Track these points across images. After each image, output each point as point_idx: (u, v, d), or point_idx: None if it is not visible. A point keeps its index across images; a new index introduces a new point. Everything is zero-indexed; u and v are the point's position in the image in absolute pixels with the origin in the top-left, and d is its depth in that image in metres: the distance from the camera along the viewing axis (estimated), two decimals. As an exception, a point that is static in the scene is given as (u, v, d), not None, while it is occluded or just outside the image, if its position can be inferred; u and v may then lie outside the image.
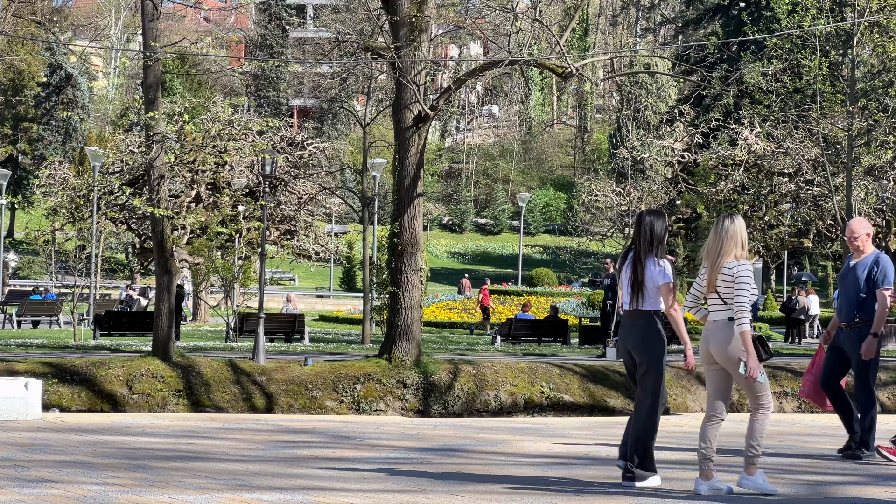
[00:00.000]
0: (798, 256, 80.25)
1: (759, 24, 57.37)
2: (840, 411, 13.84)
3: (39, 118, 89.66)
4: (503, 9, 27.98)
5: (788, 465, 13.13)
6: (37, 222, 60.46)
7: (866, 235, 13.53)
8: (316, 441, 14.98)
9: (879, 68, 38.42)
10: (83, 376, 21.18)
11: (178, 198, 42.43)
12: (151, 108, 22.98)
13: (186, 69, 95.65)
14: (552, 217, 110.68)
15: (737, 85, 47.72)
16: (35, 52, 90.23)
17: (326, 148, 57.15)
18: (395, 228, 23.51)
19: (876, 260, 13.40)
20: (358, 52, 29.53)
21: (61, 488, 9.86)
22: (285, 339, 35.03)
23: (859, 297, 13.38)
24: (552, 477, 11.59)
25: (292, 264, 62.79)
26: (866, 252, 13.55)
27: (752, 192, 41.45)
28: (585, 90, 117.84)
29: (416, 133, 23.51)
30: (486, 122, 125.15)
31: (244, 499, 9.62)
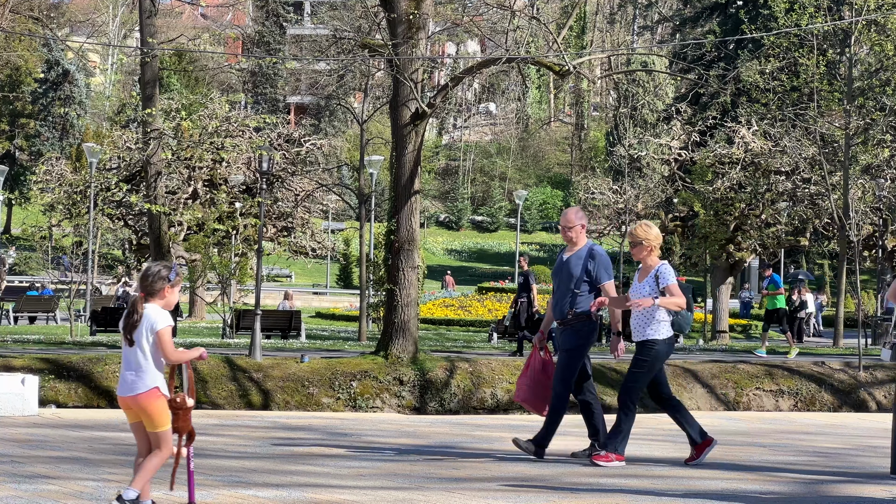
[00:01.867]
0: (795, 255, 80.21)
1: (756, 22, 57.32)
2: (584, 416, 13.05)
3: (36, 114, 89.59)
4: (501, 6, 27.99)
5: (785, 464, 13.15)
6: (34, 218, 60.35)
7: (581, 227, 12.67)
8: (312, 438, 14.98)
9: (877, 67, 38.47)
10: (80, 372, 21.18)
11: (174, 194, 42.42)
12: (148, 104, 23.00)
13: (183, 66, 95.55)
14: (549, 215, 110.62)
15: (734, 83, 47.77)
16: (32, 48, 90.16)
17: (323, 145, 57.11)
18: (392, 225, 23.51)
19: (590, 253, 12.54)
20: (355, 49, 29.48)
21: (58, 484, 9.86)
22: (282, 335, 35.04)
23: (573, 293, 12.53)
24: (548, 474, 11.59)
25: (289, 261, 62.77)
26: (579, 244, 12.65)
27: (748, 191, 41.41)
28: (582, 88, 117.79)
29: (414, 130, 23.50)
30: (484, 120, 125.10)
31: (240, 495, 9.62)
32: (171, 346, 8.20)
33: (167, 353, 8.18)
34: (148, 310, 8.20)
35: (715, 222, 40.86)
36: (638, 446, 14.53)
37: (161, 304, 8.26)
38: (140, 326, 8.16)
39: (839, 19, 37.73)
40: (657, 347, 12.21)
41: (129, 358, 8.22)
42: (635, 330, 12.31)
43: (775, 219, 41.69)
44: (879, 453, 14.96)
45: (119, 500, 8.18)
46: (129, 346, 8.20)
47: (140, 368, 8.18)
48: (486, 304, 53.64)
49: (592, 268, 12.44)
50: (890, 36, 36.35)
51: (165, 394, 8.27)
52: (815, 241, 45.01)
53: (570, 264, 12.56)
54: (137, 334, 8.17)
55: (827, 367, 26.22)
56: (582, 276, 12.46)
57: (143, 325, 8.17)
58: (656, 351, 12.23)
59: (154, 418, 8.25)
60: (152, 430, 8.29)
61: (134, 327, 8.16)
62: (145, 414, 8.25)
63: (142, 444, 8.42)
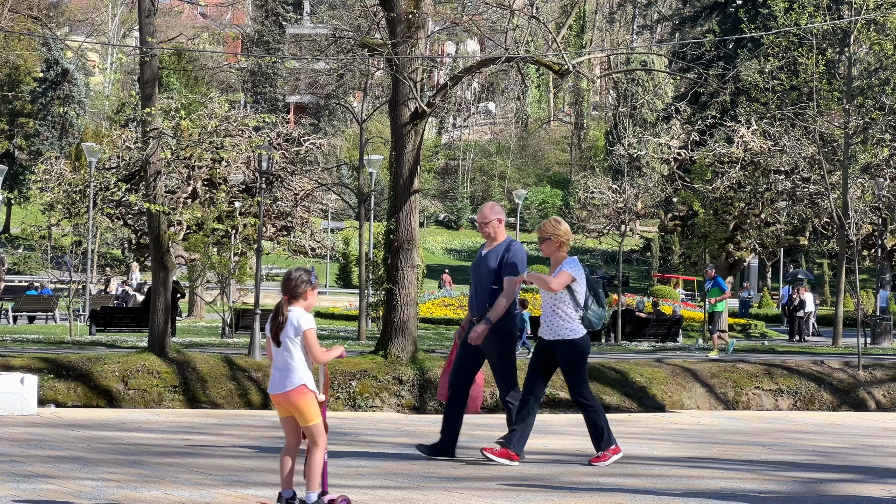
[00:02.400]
0: (794, 254, 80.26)
1: (755, 21, 57.36)
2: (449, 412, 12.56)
3: (36, 113, 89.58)
4: (500, 6, 27.97)
5: (784, 463, 13.15)
6: (33, 218, 60.34)
7: (498, 221, 12.34)
8: (312, 437, 14.96)
9: (876, 66, 38.47)
10: (79, 372, 21.17)
11: (174, 194, 42.44)
12: (148, 103, 22.97)
13: (183, 65, 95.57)
14: (548, 214, 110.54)
15: (733, 82, 47.80)
16: (32, 47, 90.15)
17: (323, 144, 57.13)
18: (392, 225, 23.51)
19: (507, 247, 12.22)
20: (355, 48, 29.46)
21: (57, 484, 9.86)
22: (281, 335, 34.96)
23: (491, 289, 12.19)
24: (547, 474, 11.59)
25: (288, 260, 62.75)
26: (498, 239, 12.36)
27: (748, 190, 41.47)
28: (582, 87, 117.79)
29: (413, 130, 23.50)
30: (483, 119, 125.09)
31: (240, 494, 9.62)
32: (318, 346, 8.83)
33: (314, 354, 8.83)
34: (293, 312, 8.80)
35: (714, 221, 40.90)
36: (637, 445, 14.54)
37: (304, 305, 8.89)
38: (286, 328, 8.78)
39: (838, 18, 37.73)
40: (579, 345, 11.95)
41: (277, 358, 8.86)
42: (548, 330, 12.03)
43: (775, 218, 41.74)
44: (879, 452, 14.97)
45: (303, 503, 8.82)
46: (277, 346, 8.84)
47: (288, 367, 8.80)
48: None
49: (507, 263, 12.12)
50: (889, 35, 36.36)
51: (313, 390, 8.84)
52: (814, 240, 45.05)
53: (488, 260, 12.28)
54: (284, 335, 8.79)
55: (826, 367, 26.22)
56: (500, 271, 12.14)
57: (289, 327, 8.78)
58: (581, 348, 11.96)
59: (304, 413, 8.84)
60: (305, 425, 8.88)
61: (280, 329, 8.79)
62: (296, 410, 8.85)
63: (290, 438, 9.00)
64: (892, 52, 36.45)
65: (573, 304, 11.88)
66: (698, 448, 14.77)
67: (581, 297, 11.93)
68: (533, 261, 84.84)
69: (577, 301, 11.89)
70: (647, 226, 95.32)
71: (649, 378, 24.42)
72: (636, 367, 25.08)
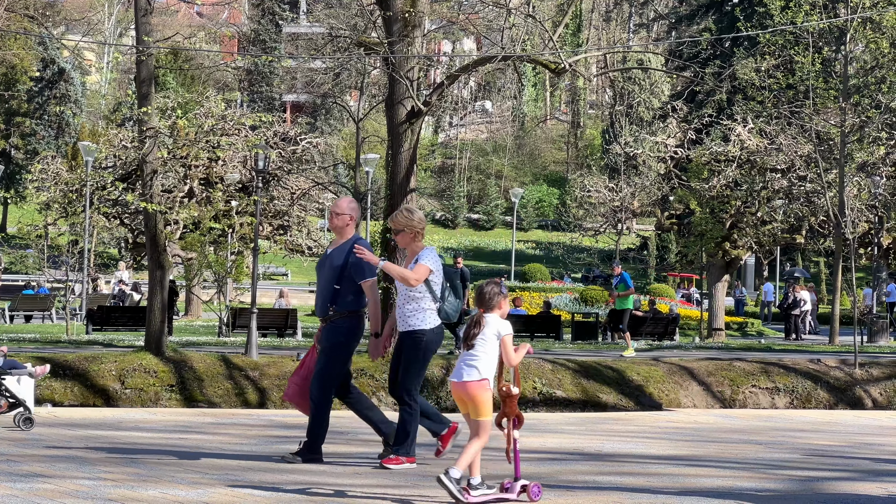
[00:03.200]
0: (790, 252, 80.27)
1: (752, 20, 57.36)
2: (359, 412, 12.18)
3: (32, 113, 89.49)
4: (496, 4, 27.98)
5: (780, 461, 13.16)
6: (29, 217, 60.36)
7: (350, 217, 11.91)
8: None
9: (872, 64, 38.48)
10: (76, 371, 21.18)
11: (170, 193, 42.38)
12: (144, 103, 22.97)
13: (179, 64, 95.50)
14: (545, 213, 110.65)
15: (730, 81, 47.80)
16: (28, 46, 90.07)
17: (319, 143, 57.05)
18: (388, 223, 23.52)
19: (353, 245, 11.74)
20: (351, 47, 29.46)
21: (54, 483, 9.86)
22: (278, 334, 35.02)
23: (333, 288, 11.70)
24: (544, 472, 11.59)
25: (285, 259, 62.74)
26: (345, 237, 11.91)
27: (744, 188, 41.45)
28: (578, 86, 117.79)
29: (409, 128, 23.51)
30: (479, 118, 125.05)
31: (237, 493, 9.62)
32: (512, 350, 9.72)
33: (509, 357, 9.74)
34: (491, 320, 9.76)
35: (711, 220, 40.87)
36: (633, 444, 14.54)
37: (499, 314, 9.85)
38: (483, 332, 9.72)
39: (835, 17, 37.73)
40: (426, 338, 11.43)
41: (466, 357, 9.80)
42: (400, 320, 11.52)
43: (771, 216, 41.71)
44: (875, 451, 14.98)
45: (446, 475, 9.49)
46: (468, 349, 9.79)
47: (476, 359, 9.70)
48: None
49: (353, 261, 11.63)
50: (885, 33, 36.37)
51: (492, 388, 9.74)
52: (810, 238, 45.01)
53: (333, 258, 11.81)
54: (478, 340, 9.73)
55: (823, 365, 26.25)
56: (345, 270, 11.67)
57: (488, 331, 9.71)
58: (426, 342, 11.44)
59: (479, 406, 9.76)
60: (475, 418, 9.78)
61: (474, 338, 9.74)
62: (472, 401, 9.76)
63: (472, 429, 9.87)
64: (888, 51, 36.46)
65: (430, 295, 11.45)
66: (695, 447, 14.78)
67: (438, 288, 11.51)
68: (530, 260, 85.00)
69: (433, 293, 11.47)
70: (644, 224, 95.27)
71: (646, 376, 24.44)
72: (633, 365, 25.09)
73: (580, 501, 9.74)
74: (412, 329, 11.45)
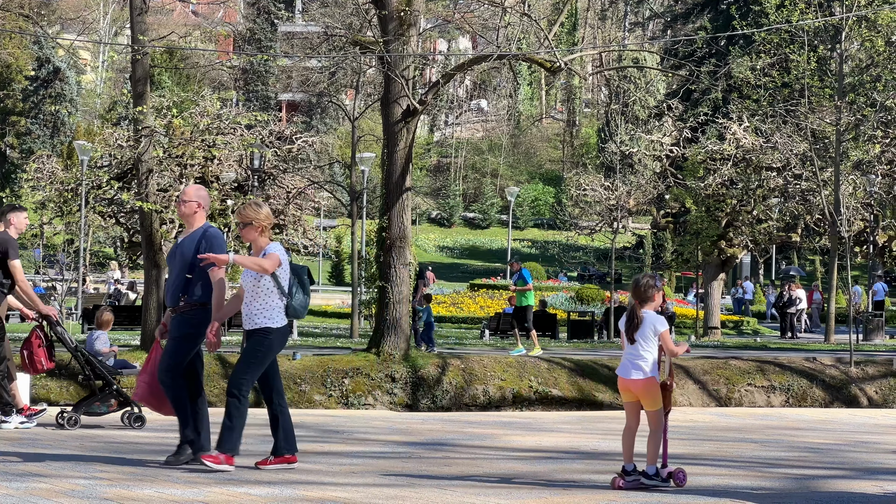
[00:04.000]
0: (786, 251, 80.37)
1: (747, 18, 57.35)
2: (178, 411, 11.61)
3: (27, 112, 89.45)
4: (492, 3, 27.97)
5: (776, 460, 13.17)
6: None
7: (198, 205, 11.57)
8: (304, 435, 14.98)
9: (867, 63, 38.49)
10: (71, 371, 21.16)
11: (166, 192, 42.35)
12: (140, 102, 22.96)
13: (175, 63, 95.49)
14: (541, 211, 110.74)
15: (725, 79, 47.76)
16: (23, 45, 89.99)
17: (315, 142, 57.03)
18: (384, 223, 23.52)
19: (203, 234, 11.46)
20: (347, 46, 29.46)
21: (49, 482, 9.85)
22: (274, 333, 34.98)
23: (185, 278, 11.40)
24: (540, 471, 11.60)
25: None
26: (195, 225, 11.59)
27: (740, 187, 41.47)
28: (574, 85, 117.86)
29: (405, 127, 23.51)
30: (475, 117, 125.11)
31: (232, 493, 9.62)
32: (672, 342, 10.40)
33: (669, 349, 10.36)
34: (648, 315, 10.32)
35: (706, 218, 40.90)
36: (630, 442, 14.55)
37: (653, 307, 10.39)
38: (642, 328, 10.29)
39: (830, 15, 37.74)
40: (271, 337, 11.16)
41: (631, 351, 10.39)
42: (247, 318, 11.28)
43: (767, 215, 41.75)
44: (870, 449, 15.00)
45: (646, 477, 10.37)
46: (631, 343, 10.37)
47: (643, 360, 10.30)
48: (477, 300, 53.67)
49: (204, 250, 11.31)
50: (880, 32, 36.39)
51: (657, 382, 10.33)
52: (806, 237, 45.06)
53: (184, 247, 11.49)
54: (639, 334, 10.30)
55: (818, 363, 26.26)
56: (195, 260, 11.33)
57: (646, 327, 10.28)
58: (270, 341, 11.16)
59: (649, 400, 10.36)
60: (650, 409, 10.39)
61: (635, 329, 10.31)
62: (643, 396, 10.37)
63: (631, 420, 10.58)
64: (883, 49, 36.48)
65: (277, 291, 11.18)
66: (691, 445, 14.79)
67: (286, 284, 11.23)
68: (526, 259, 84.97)
69: (281, 288, 11.19)
70: (640, 223, 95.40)
71: (642, 375, 24.43)
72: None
73: (576, 500, 9.75)
74: (258, 327, 11.16)
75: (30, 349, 15.13)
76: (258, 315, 11.17)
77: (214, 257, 11.09)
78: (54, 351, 15.30)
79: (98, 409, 15.23)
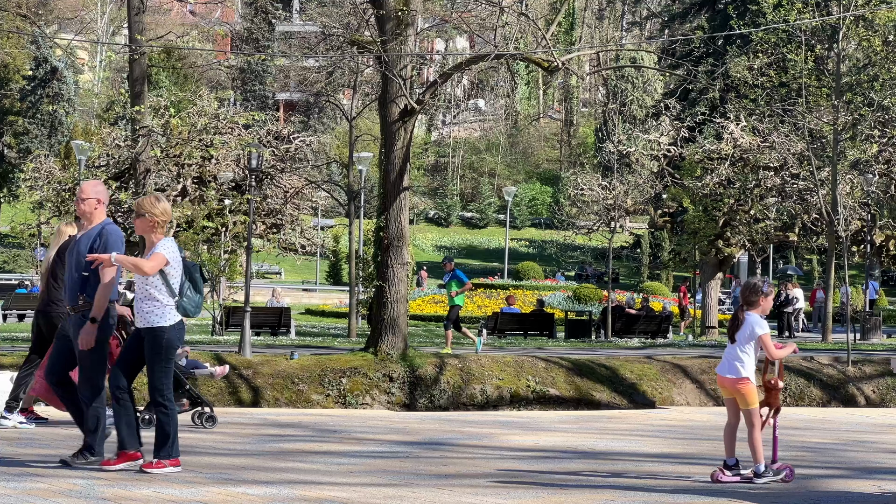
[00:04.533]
0: (783, 250, 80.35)
1: (744, 18, 57.38)
2: (70, 408, 11.45)
3: (25, 111, 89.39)
4: (489, 3, 27.99)
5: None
6: (22, 216, 60.26)
7: (97, 201, 11.12)
8: (302, 435, 14.99)
9: (865, 62, 38.50)
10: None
11: (164, 191, 42.34)
12: (137, 101, 22.99)
13: (172, 63, 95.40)
14: (538, 211, 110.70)
15: (722, 79, 47.78)
16: (20, 45, 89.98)
17: (313, 142, 57.01)
18: (382, 222, 23.53)
19: (100, 232, 11.04)
20: (344, 45, 29.46)
21: (47, 482, 9.85)
22: (271, 332, 35.02)
23: (82, 276, 11.02)
24: (537, 470, 11.61)
25: (278, 258, 62.71)
26: (94, 222, 11.16)
27: (737, 186, 41.47)
28: (571, 84, 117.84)
29: (403, 127, 23.51)
30: (473, 116, 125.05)
31: (230, 492, 9.62)
32: (772, 345, 10.88)
33: (770, 352, 10.89)
34: (749, 318, 10.81)
35: (704, 218, 40.90)
36: (627, 441, 14.56)
37: (758, 311, 10.86)
38: (742, 329, 10.80)
39: (827, 15, 37.75)
40: (166, 335, 10.84)
41: (730, 350, 10.89)
42: (139, 317, 10.94)
43: (764, 214, 41.74)
44: (868, 448, 15.01)
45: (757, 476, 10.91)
46: (731, 343, 10.89)
47: (739, 360, 10.82)
48: (475, 300, 53.67)
49: (99, 247, 10.92)
50: (878, 31, 36.39)
51: (753, 381, 10.85)
52: (803, 236, 45.05)
53: (80, 245, 11.09)
54: (739, 335, 10.80)
55: (816, 363, 26.28)
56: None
57: (746, 329, 10.78)
58: (167, 339, 10.84)
59: (746, 398, 10.84)
60: (744, 408, 10.90)
61: (736, 329, 10.83)
62: (739, 395, 10.85)
63: (731, 416, 11.16)
64: (880, 48, 36.48)
65: (167, 289, 10.87)
66: (688, 444, 14.80)
67: (176, 282, 10.93)
68: (523, 258, 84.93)
69: (171, 287, 10.88)
70: (637, 222, 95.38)
71: (639, 374, 24.47)
72: (626, 363, 25.12)
73: (574, 499, 9.75)
74: (151, 326, 10.85)
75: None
76: (150, 314, 10.87)
77: (95, 257, 10.76)
78: None
79: None
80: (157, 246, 10.87)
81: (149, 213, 10.91)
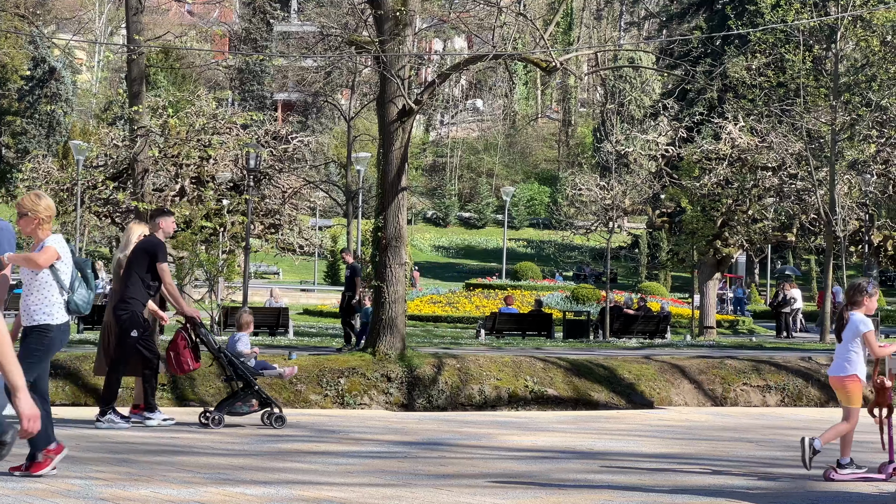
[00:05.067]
0: (781, 250, 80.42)
1: (742, 18, 57.48)
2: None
3: (23, 112, 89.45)
4: (487, 3, 27.98)
5: (772, 459, 13.18)
6: (20, 216, 60.21)
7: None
8: (300, 435, 14.98)
9: (862, 62, 38.52)
10: (67, 370, 21.17)
11: (162, 192, 42.35)
12: (135, 101, 22.97)
13: (170, 63, 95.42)
14: (536, 211, 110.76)
15: (721, 79, 47.80)
16: (18, 45, 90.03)
17: (311, 142, 57.05)
18: (380, 222, 23.52)
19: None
20: (342, 46, 29.47)
21: (45, 482, 9.85)
22: (269, 332, 35.02)
23: None
24: (536, 471, 11.61)
25: (276, 258, 62.74)
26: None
27: (735, 186, 41.49)
28: (570, 84, 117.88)
29: (401, 127, 23.51)
30: (471, 116, 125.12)
31: (228, 493, 9.62)
32: (876, 343, 11.19)
33: (873, 350, 11.22)
34: (853, 317, 11.22)
35: (702, 218, 40.92)
36: (625, 442, 14.56)
37: (862, 311, 11.26)
38: (847, 328, 11.20)
39: (825, 15, 37.78)
40: (51, 335, 10.58)
41: (839, 349, 11.37)
42: (24, 313, 10.72)
43: (762, 214, 41.77)
44: (866, 449, 15.01)
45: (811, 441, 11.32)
46: (839, 342, 11.34)
47: (847, 359, 11.28)
48: (473, 300, 53.68)
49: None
50: (876, 31, 36.41)
51: (863, 380, 11.25)
52: (801, 236, 45.09)
53: None
54: (846, 334, 11.22)
55: (814, 363, 26.28)
56: None
57: (851, 328, 11.17)
58: (51, 339, 10.59)
59: (849, 396, 11.30)
60: (845, 405, 11.35)
61: (841, 329, 11.26)
62: (844, 391, 11.31)
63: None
64: (878, 49, 36.50)
65: (57, 286, 10.66)
66: (686, 444, 14.80)
67: (66, 278, 10.72)
68: (521, 258, 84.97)
69: (61, 283, 10.67)
70: (635, 222, 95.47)
71: (637, 375, 24.46)
72: (624, 363, 25.11)
73: (572, 499, 9.75)
74: (37, 324, 10.60)
75: (176, 350, 15.25)
76: (37, 311, 10.63)
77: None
78: (199, 352, 15.45)
79: (240, 409, 15.55)
80: (46, 241, 10.66)
81: (31, 210, 10.63)
